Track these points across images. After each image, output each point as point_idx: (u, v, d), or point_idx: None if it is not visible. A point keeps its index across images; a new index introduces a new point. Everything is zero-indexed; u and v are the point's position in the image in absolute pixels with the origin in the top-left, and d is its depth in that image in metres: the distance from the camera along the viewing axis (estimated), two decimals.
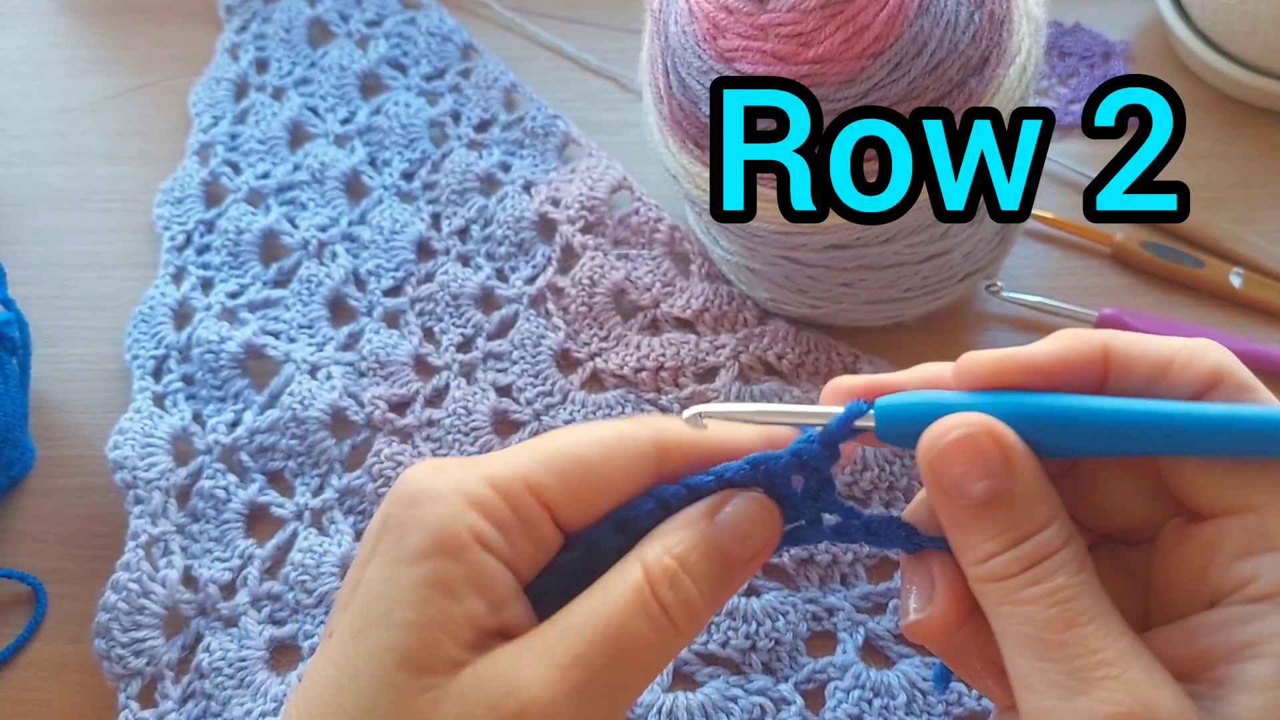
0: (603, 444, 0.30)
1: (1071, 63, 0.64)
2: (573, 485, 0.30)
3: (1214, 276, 0.54)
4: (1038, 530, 0.28)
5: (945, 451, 0.28)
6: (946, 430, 0.28)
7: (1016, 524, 0.28)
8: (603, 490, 0.30)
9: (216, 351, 0.54)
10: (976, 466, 0.28)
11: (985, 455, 0.28)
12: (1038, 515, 0.28)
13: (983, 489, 0.28)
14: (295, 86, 0.66)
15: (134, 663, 0.46)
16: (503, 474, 0.29)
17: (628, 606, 0.28)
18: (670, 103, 0.47)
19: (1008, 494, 0.28)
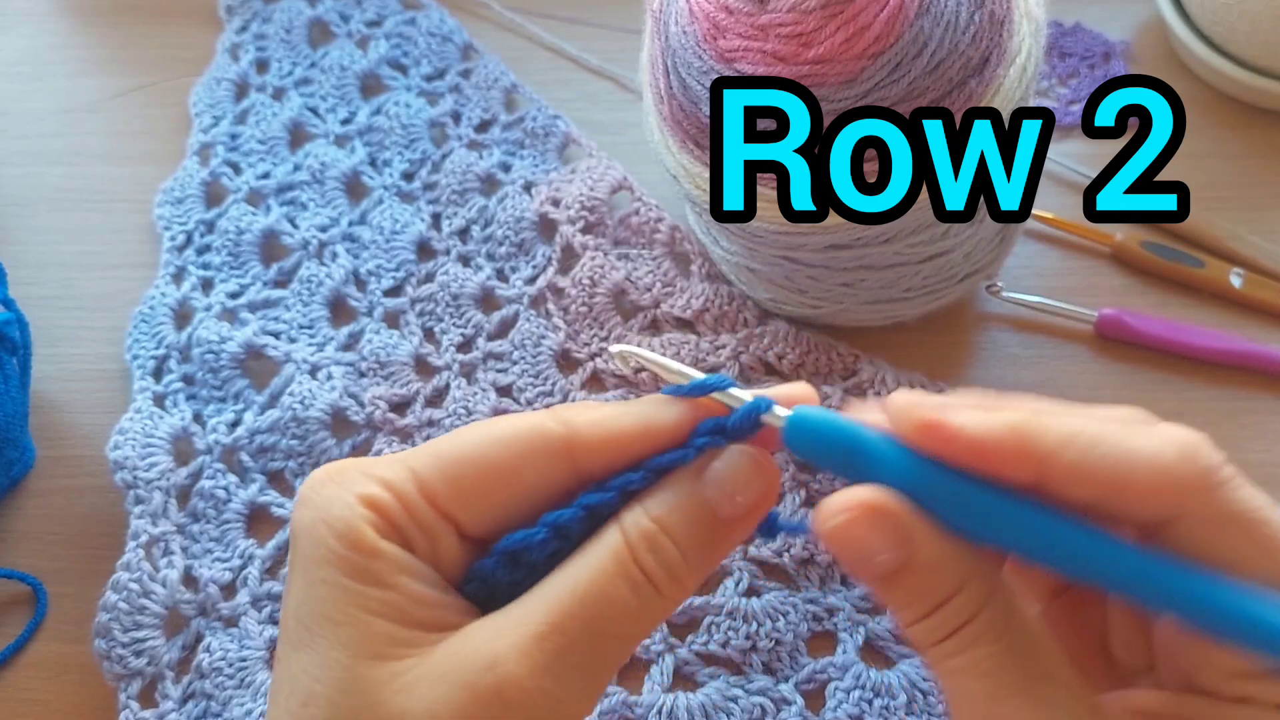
0: (503, 445, 0.29)
1: (1072, 63, 0.64)
2: (469, 490, 0.28)
3: (1214, 276, 0.54)
4: (947, 598, 0.27)
5: (839, 529, 0.27)
6: (833, 514, 0.27)
7: (925, 591, 0.27)
8: (507, 494, 0.29)
9: (217, 351, 0.54)
10: (875, 540, 0.27)
11: (881, 531, 0.27)
12: (945, 583, 0.27)
13: (883, 561, 0.27)
14: (296, 87, 0.66)
15: (134, 663, 0.46)
16: (392, 476, 0.28)
17: (606, 571, 0.27)
18: (670, 103, 0.47)
19: (910, 565, 0.27)
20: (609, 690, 0.45)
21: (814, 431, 0.29)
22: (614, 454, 0.29)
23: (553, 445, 0.29)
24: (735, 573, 0.48)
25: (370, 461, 0.29)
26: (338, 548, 0.27)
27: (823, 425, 0.28)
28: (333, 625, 0.27)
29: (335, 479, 0.28)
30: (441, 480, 0.28)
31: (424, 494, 0.28)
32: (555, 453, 0.29)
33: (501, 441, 0.28)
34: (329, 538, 0.27)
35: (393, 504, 0.28)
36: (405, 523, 0.28)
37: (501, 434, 0.29)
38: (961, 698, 0.27)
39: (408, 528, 0.28)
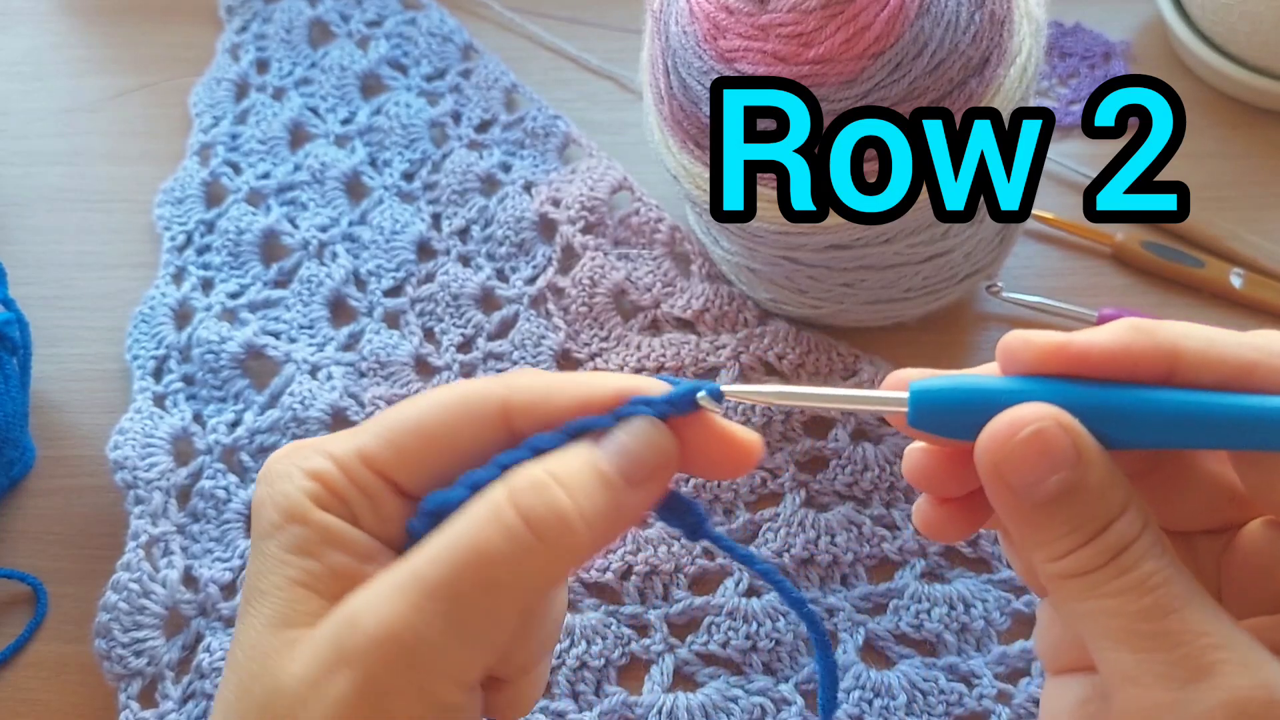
0: (443, 408, 0.29)
1: (1072, 63, 0.64)
2: (408, 454, 0.29)
3: (1214, 276, 0.54)
4: (1115, 518, 0.27)
5: (1015, 449, 0.26)
6: (1016, 426, 0.26)
7: (1093, 515, 0.27)
8: (445, 455, 0.29)
9: (217, 352, 0.54)
10: (1048, 461, 0.26)
11: (1057, 449, 0.26)
12: (1113, 503, 0.27)
13: (1056, 483, 0.26)
14: (296, 87, 0.66)
15: (134, 663, 0.46)
16: (339, 448, 0.29)
17: (483, 521, 0.26)
18: (671, 103, 0.47)
19: (1081, 486, 0.26)
20: (609, 690, 0.45)
21: (939, 400, 0.28)
22: (548, 421, 0.29)
23: (490, 408, 0.29)
24: (735, 573, 0.48)
25: (324, 438, 0.29)
26: (277, 519, 0.28)
27: (946, 392, 0.28)
28: (260, 596, 0.28)
29: (289, 455, 0.29)
30: (384, 446, 0.28)
31: (366, 460, 0.28)
32: (492, 415, 0.29)
33: (441, 404, 0.29)
34: (273, 511, 0.28)
35: (335, 473, 0.28)
36: (347, 490, 0.28)
37: (442, 398, 0.29)
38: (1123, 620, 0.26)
39: (350, 495, 0.28)
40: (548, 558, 0.27)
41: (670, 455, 0.29)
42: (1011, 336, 0.28)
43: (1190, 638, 0.25)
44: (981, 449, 0.27)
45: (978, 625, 0.46)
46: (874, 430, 0.51)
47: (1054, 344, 0.28)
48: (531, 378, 0.30)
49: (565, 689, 0.46)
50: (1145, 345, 0.27)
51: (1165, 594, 0.26)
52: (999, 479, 0.27)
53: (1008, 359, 0.28)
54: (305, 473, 0.28)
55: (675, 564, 0.48)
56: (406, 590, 0.26)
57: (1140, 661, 0.26)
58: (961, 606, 0.46)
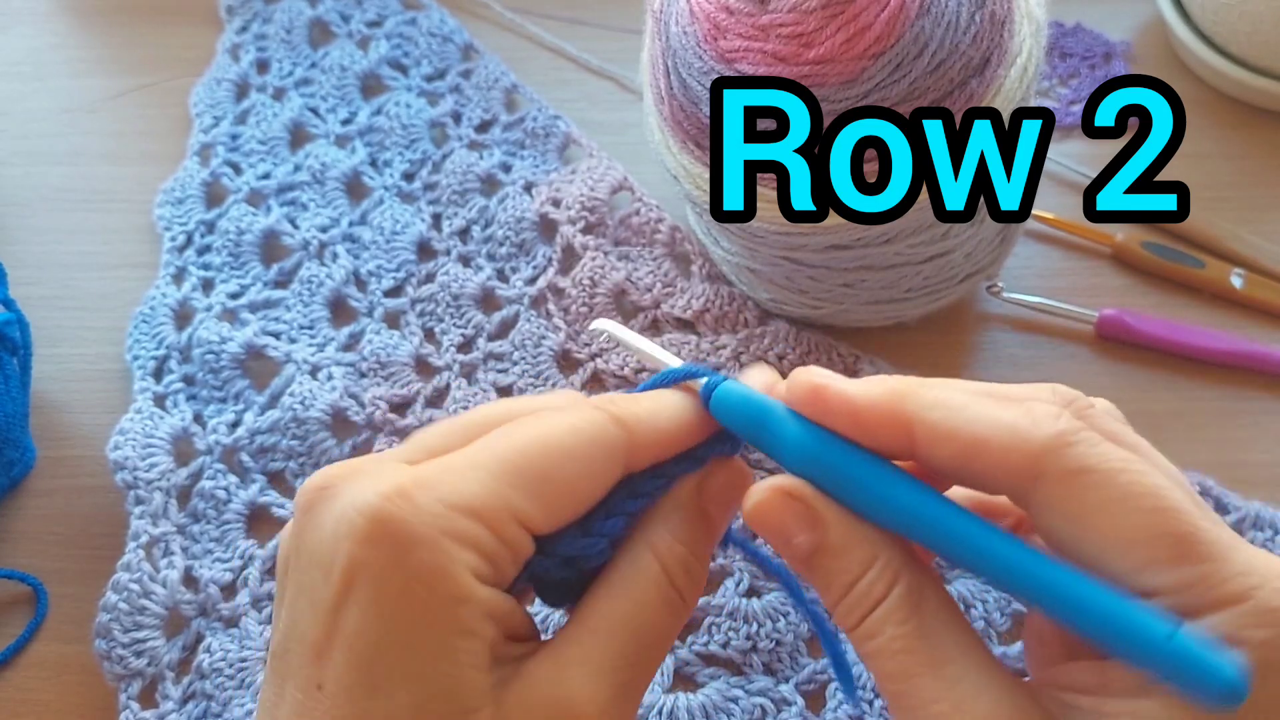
0: (578, 458, 0.28)
1: (1072, 63, 0.64)
2: (554, 508, 0.28)
3: (1215, 277, 0.54)
4: (856, 578, 0.28)
5: (754, 513, 0.29)
6: (752, 496, 0.29)
7: (837, 573, 0.28)
8: (577, 499, 0.29)
9: (217, 352, 0.54)
10: (787, 524, 0.29)
11: (788, 519, 0.29)
12: (852, 564, 0.28)
13: (803, 544, 0.29)
14: (296, 87, 0.66)
15: (134, 663, 0.46)
16: (484, 504, 0.27)
17: (653, 601, 0.29)
18: (671, 103, 0.47)
19: (821, 546, 0.28)
20: None
21: (729, 403, 0.31)
22: (660, 455, 0.31)
23: (618, 453, 0.29)
24: (735, 573, 0.48)
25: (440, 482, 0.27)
26: (428, 597, 0.26)
27: (734, 397, 0.31)
28: (413, 681, 0.26)
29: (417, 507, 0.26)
30: (532, 501, 0.28)
31: (518, 519, 0.27)
32: (619, 460, 0.30)
33: (575, 455, 0.29)
34: (424, 591, 0.26)
35: (489, 540, 0.27)
36: (498, 552, 0.27)
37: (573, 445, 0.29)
38: (880, 679, 0.28)
39: (499, 555, 0.27)
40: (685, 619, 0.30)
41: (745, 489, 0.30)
42: (799, 369, 0.30)
43: (920, 705, 0.27)
44: (743, 507, 0.30)
45: (978, 626, 0.46)
46: None
47: (814, 386, 0.29)
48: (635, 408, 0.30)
49: None
50: (883, 413, 0.28)
51: (903, 661, 0.27)
52: (761, 533, 0.29)
53: (788, 388, 0.30)
54: (459, 542, 0.26)
55: None
56: (611, 675, 0.28)
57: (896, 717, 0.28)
58: (962, 607, 0.46)
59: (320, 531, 0.27)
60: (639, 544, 0.30)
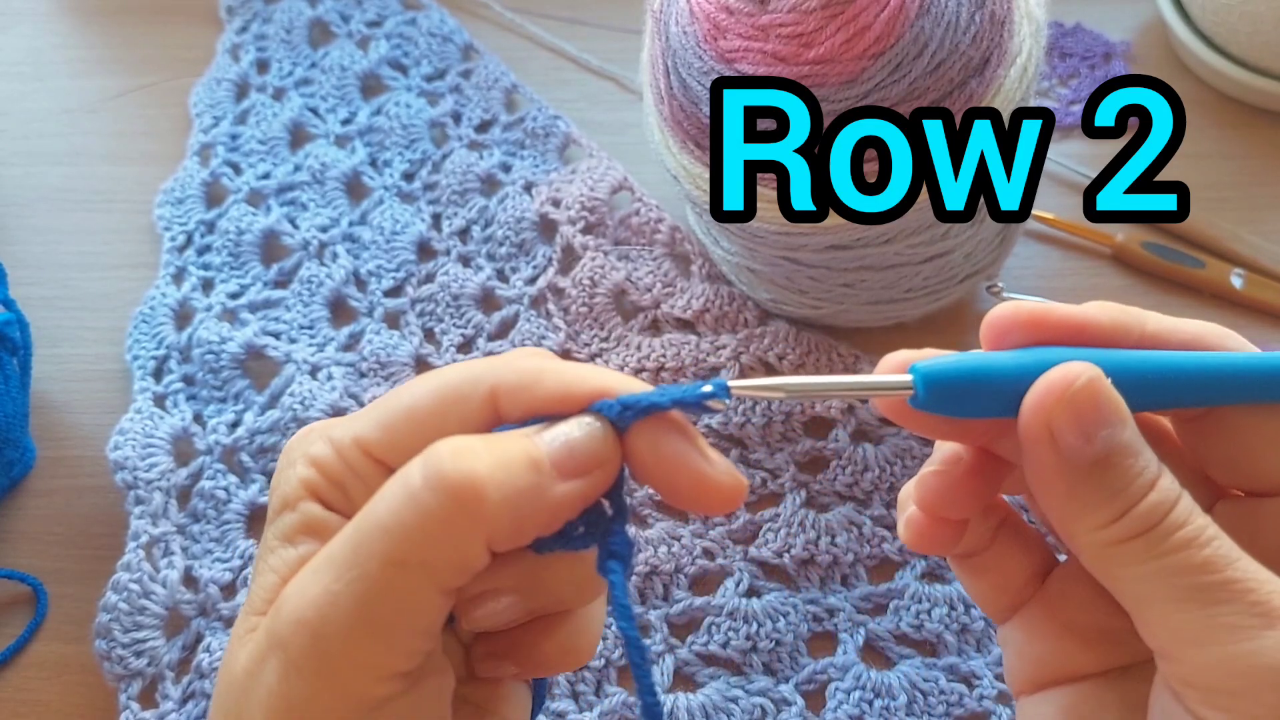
0: (433, 393, 0.28)
1: (1072, 63, 0.64)
2: (399, 437, 0.28)
3: (1215, 277, 0.54)
4: (1158, 476, 0.26)
5: (1071, 402, 0.26)
6: (1069, 380, 0.26)
7: (1138, 474, 0.26)
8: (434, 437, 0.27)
9: (217, 352, 0.54)
10: (1100, 416, 0.26)
11: (1104, 404, 0.26)
12: (1153, 462, 0.26)
13: (1104, 440, 0.26)
14: (296, 87, 0.66)
15: (134, 663, 0.46)
16: (339, 433, 0.29)
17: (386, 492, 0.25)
18: (671, 103, 0.47)
19: (1124, 444, 0.26)
20: (609, 691, 0.45)
21: (948, 378, 0.27)
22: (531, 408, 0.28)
23: (478, 392, 0.28)
24: (735, 573, 0.48)
25: (331, 422, 0.30)
26: (276, 505, 0.29)
27: (954, 369, 0.27)
28: (252, 582, 0.28)
29: (303, 438, 0.30)
30: (378, 430, 0.28)
31: (361, 445, 0.28)
32: (480, 400, 0.28)
33: (431, 389, 0.29)
34: (275, 497, 0.29)
35: (333, 459, 0.28)
36: (344, 475, 0.28)
37: (433, 383, 0.29)
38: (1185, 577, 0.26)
39: (346, 480, 0.28)
40: (457, 529, 0.25)
41: (608, 459, 0.27)
42: (998, 310, 0.29)
43: (1255, 585, 0.25)
44: (1032, 406, 0.26)
45: (978, 626, 0.46)
46: (874, 431, 0.51)
47: (1043, 311, 0.28)
48: (521, 363, 0.28)
49: (565, 689, 0.46)
50: (1123, 322, 0.29)
51: (1220, 547, 0.25)
52: (1047, 440, 0.26)
53: (995, 330, 0.29)
54: (307, 459, 0.29)
55: (675, 564, 0.48)
56: (317, 569, 0.25)
57: (1207, 617, 0.25)
58: (962, 607, 0.46)
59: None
60: None
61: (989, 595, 0.33)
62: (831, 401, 0.51)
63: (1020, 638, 0.32)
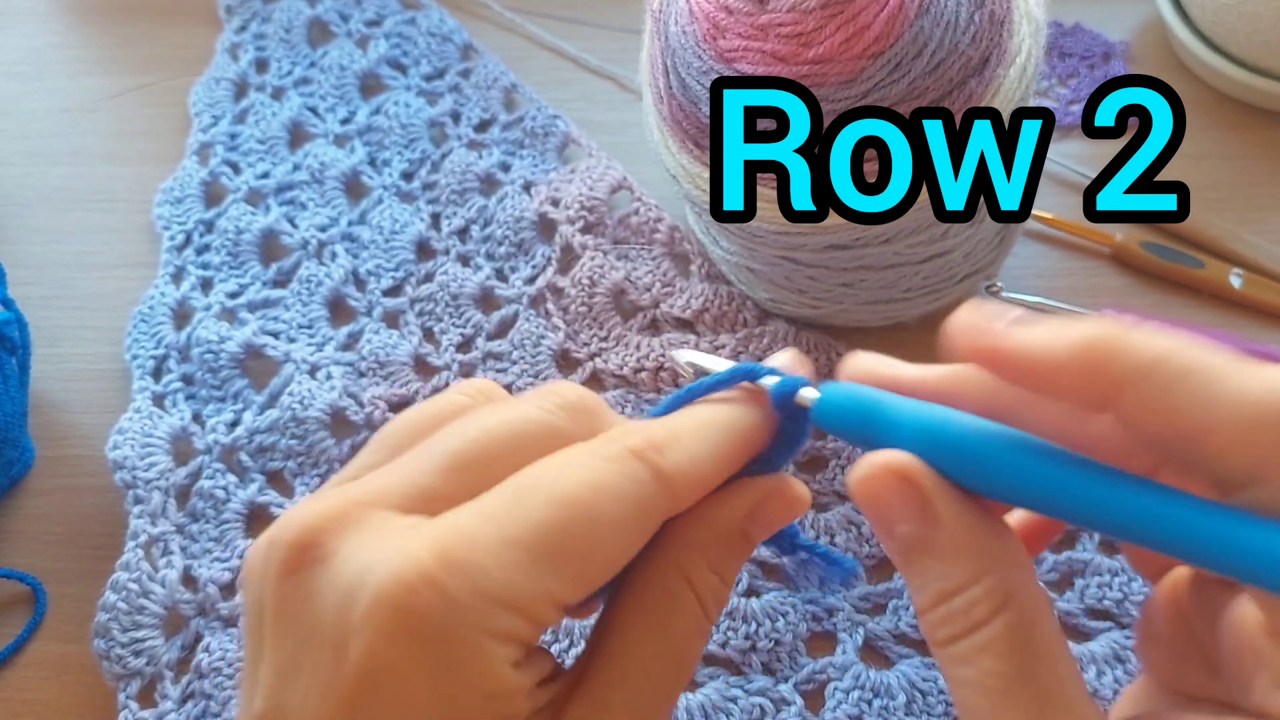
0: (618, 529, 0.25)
1: (1072, 63, 0.64)
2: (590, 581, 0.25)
3: (1214, 277, 0.54)
4: (955, 591, 0.25)
5: (858, 491, 0.26)
6: (860, 472, 0.26)
7: (935, 578, 0.25)
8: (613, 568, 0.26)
9: (216, 351, 0.54)
10: (885, 513, 0.26)
11: (897, 501, 0.25)
12: (961, 569, 0.25)
13: (903, 533, 0.26)
14: (295, 86, 0.66)
15: (133, 663, 0.46)
16: (527, 594, 0.24)
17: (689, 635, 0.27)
18: (670, 103, 0.47)
19: (928, 543, 0.25)
20: None
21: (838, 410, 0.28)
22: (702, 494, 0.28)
23: (659, 514, 0.27)
24: None
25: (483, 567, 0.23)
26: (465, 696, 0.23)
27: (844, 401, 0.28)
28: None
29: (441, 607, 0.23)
30: (569, 584, 0.25)
31: (558, 605, 0.25)
32: (659, 519, 0.27)
33: (617, 526, 0.25)
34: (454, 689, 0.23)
35: (529, 631, 0.24)
36: (537, 637, 0.25)
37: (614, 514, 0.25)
38: (962, 708, 0.25)
39: (537, 639, 0.25)
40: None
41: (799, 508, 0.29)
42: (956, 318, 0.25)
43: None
44: (848, 479, 0.27)
45: None
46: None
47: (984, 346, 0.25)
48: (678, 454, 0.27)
49: None
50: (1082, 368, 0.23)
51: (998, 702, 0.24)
52: (863, 510, 0.27)
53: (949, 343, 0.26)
54: (499, 639, 0.24)
55: None
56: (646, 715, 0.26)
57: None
58: None
59: (323, 603, 0.24)
60: (672, 575, 0.27)
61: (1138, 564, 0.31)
62: None
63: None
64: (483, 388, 0.30)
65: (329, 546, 0.24)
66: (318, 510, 0.25)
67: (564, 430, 0.28)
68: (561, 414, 0.28)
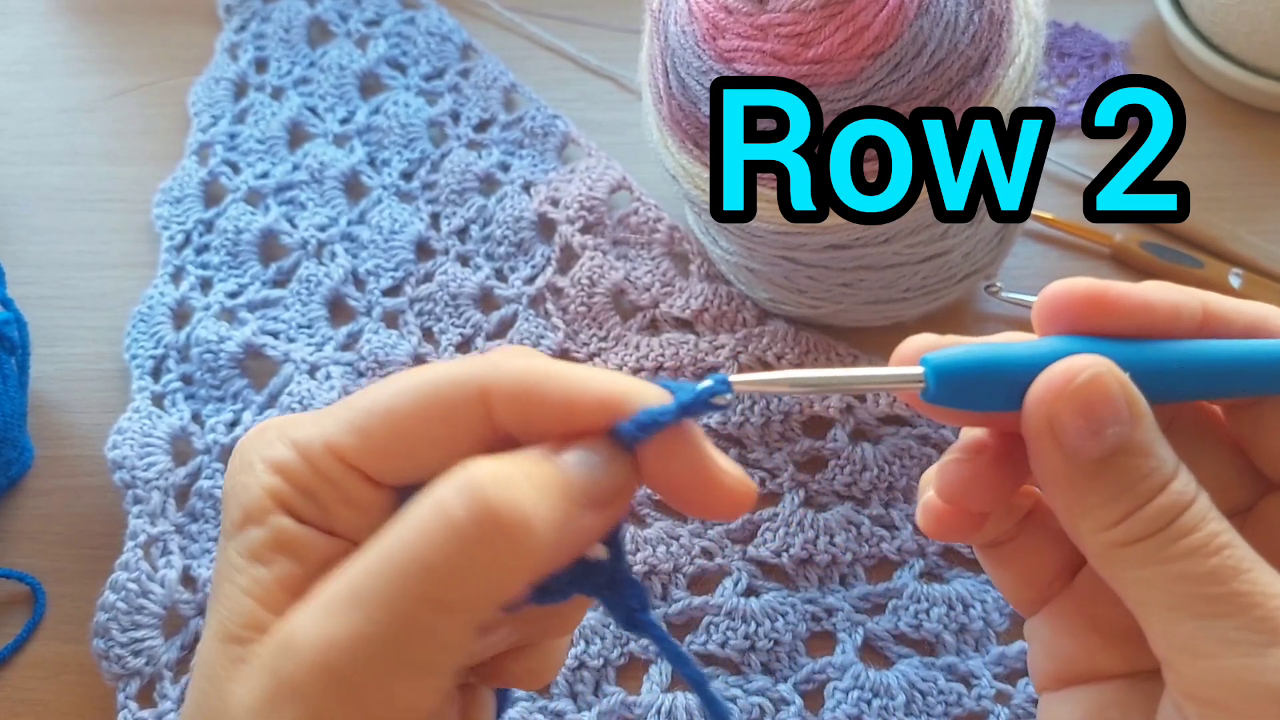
0: (416, 394, 0.26)
1: (1071, 63, 0.64)
2: (378, 442, 0.26)
3: (1213, 277, 0.54)
4: (1170, 478, 0.25)
5: (1072, 399, 0.25)
6: (1072, 374, 0.25)
7: (1147, 474, 0.25)
8: (419, 445, 0.26)
9: (215, 351, 0.54)
10: (1104, 413, 0.25)
11: (1113, 399, 0.25)
12: (1167, 462, 0.25)
13: (1112, 437, 0.25)
14: (294, 86, 0.65)
15: (133, 662, 0.46)
16: (305, 435, 0.26)
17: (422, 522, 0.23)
18: (670, 103, 0.47)
19: (1134, 443, 0.25)
20: (607, 690, 0.45)
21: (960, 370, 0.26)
22: (529, 416, 0.26)
23: (468, 395, 0.25)
24: (734, 573, 0.48)
25: (290, 419, 0.27)
26: (237, 518, 0.26)
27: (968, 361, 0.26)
28: (214, 603, 0.26)
29: (255, 439, 0.27)
30: (352, 434, 0.26)
31: (332, 450, 0.26)
32: (470, 404, 0.26)
33: (414, 390, 0.26)
34: (235, 509, 0.26)
35: (299, 465, 0.26)
36: (314, 483, 0.26)
37: (415, 382, 0.26)
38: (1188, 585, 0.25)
39: (318, 489, 0.26)
40: (506, 567, 0.23)
41: (629, 486, 0.26)
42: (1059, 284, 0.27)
43: (1261, 599, 0.24)
44: (1035, 401, 0.26)
45: (976, 626, 0.46)
46: (873, 430, 0.51)
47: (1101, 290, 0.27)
48: (518, 363, 0.26)
49: (564, 689, 0.46)
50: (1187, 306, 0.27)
51: (1230, 556, 0.24)
52: (1050, 436, 0.25)
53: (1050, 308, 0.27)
54: (268, 465, 0.26)
55: (674, 564, 0.48)
56: (341, 608, 0.22)
57: (1208, 628, 0.24)
58: (960, 607, 0.46)
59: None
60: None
61: (1015, 587, 0.32)
62: (830, 400, 0.51)
63: (1047, 633, 0.31)
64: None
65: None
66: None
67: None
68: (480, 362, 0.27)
